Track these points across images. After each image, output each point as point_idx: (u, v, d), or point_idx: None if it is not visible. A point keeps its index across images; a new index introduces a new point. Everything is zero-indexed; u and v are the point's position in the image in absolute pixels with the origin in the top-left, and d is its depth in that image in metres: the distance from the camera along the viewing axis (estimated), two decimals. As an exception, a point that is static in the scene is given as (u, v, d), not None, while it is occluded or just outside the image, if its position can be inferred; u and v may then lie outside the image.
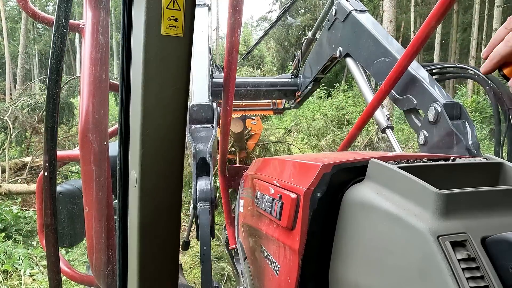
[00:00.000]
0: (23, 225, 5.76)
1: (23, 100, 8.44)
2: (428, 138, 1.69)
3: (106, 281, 1.17)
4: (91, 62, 1.13)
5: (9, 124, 7.59)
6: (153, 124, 0.66)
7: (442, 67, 2.08)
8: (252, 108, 4.23)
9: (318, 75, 3.10)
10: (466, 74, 1.93)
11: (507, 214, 0.70)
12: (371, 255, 0.78)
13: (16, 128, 7.87)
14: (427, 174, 0.76)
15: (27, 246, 5.33)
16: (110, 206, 1.17)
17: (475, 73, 1.81)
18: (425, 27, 1.54)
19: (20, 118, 7.89)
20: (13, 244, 5.21)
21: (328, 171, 0.89)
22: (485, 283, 0.59)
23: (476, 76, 1.80)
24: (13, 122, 7.73)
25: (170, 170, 0.69)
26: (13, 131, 7.69)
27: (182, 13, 0.62)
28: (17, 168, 7.52)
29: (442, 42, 22.77)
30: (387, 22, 11.10)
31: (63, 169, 7.15)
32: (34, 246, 5.37)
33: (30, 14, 1.38)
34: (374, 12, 23.42)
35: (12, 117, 7.78)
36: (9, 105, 8.38)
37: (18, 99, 8.70)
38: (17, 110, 8.01)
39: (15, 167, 7.52)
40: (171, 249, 0.73)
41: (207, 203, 1.49)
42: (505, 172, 0.84)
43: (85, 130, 1.11)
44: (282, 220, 0.96)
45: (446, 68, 2.11)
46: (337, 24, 2.49)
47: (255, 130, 6.01)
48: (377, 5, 23.56)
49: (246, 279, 1.44)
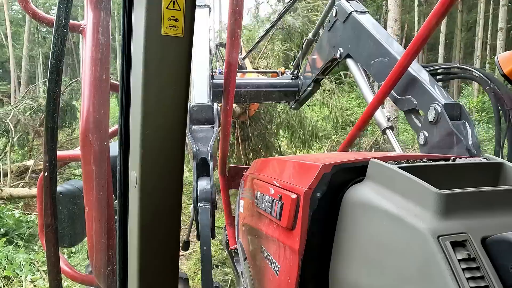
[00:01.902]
0: (25, 229, 5.70)
1: (25, 103, 8.41)
2: (428, 138, 1.69)
3: (107, 281, 1.17)
4: (91, 63, 1.13)
5: (11, 127, 7.57)
6: (153, 125, 0.66)
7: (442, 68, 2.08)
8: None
9: (318, 76, 3.09)
10: (466, 75, 1.93)
11: (507, 214, 0.70)
12: (371, 255, 0.78)
13: (18, 131, 7.85)
14: (427, 174, 0.76)
15: (29, 251, 5.28)
16: (111, 206, 1.17)
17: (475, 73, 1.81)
18: (425, 28, 1.54)
19: (22, 121, 7.88)
20: (14, 249, 5.15)
21: (328, 171, 0.89)
22: (485, 283, 0.59)
23: (476, 77, 1.80)
24: (15, 125, 7.71)
25: (170, 170, 0.69)
26: (15, 134, 7.67)
27: (182, 14, 0.63)
28: (20, 172, 7.49)
29: (446, 42, 22.71)
30: (392, 22, 10.96)
31: (65, 172, 7.13)
32: (35, 251, 5.32)
33: (31, 14, 1.39)
34: (377, 12, 23.37)
35: (15, 120, 7.76)
36: (11, 108, 8.36)
37: (20, 102, 8.68)
38: (19, 113, 7.99)
39: (17, 170, 7.49)
40: (171, 249, 0.73)
41: (207, 203, 1.49)
42: (505, 172, 0.84)
43: (85, 130, 1.11)
44: (282, 220, 0.96)
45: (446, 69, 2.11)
46: (337, 25, 2.49)
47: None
48: (380, 5, 23.46)
49: (246, 279, 1.44)
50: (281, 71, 3.98)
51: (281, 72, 3.93)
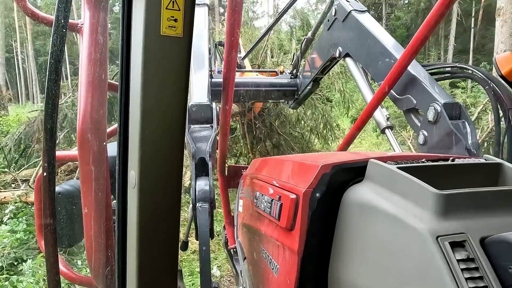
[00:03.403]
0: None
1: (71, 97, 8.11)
2: (427, 138, 1.69)
3: (105, 282, 1.17)
4: (89, 62, 1.13)
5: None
6: (152, 124, 0.66)
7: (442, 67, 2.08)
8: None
9: (317, 75, 3.09)
10: (466, 74, 1.93)
11: (506, 215, 0.70)
12: (370, 256, 0.78)
13: (64, 128, 7.59)
14: (426, 174, 0.76)
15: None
16: (109, 206, 1.17)
17: (475, 72, 1.81)
18: (424, 27, 1.54)
19: (69, 116, 7.52)
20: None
21: (328, 172, 0.89)
22: (484, 284, 0.59)
23: (476, 76, 1.80)
24: (61, 120, 7.43)
25: (169, 170, 0.69)
26: (61, 132, 7.43)
27: (181, 14, 0.62)
28: (69, 171, 7.24)
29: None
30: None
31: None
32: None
33: (29, 14, 1.38)
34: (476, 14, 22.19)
35: (62, 116, 7.48)
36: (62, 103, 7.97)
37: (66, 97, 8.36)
38: (66, 108, 7.68)
39: (67, 169, 7.24)
40: (170, 249, 0.73)
41: (206, 203, 1.49)
42: (504, 173, 0.84)
43: (83, 130, 1.11)
44: (281, 220, 0.96)
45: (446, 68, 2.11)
46: (336, 24, 2.49)
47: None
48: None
49: (245, 279, 1.44)
50: (280, 70, 3.98)
51: (280, 71, 3.93)
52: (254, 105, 6.16)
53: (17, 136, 7.70)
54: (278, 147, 7.53)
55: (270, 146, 7.50)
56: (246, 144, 7.29)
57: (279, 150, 7.51)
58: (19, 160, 7.81)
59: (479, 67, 1.92)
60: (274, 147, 7.51)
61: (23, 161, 7.75)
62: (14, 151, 7.80)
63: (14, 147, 7.70)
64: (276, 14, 7.43)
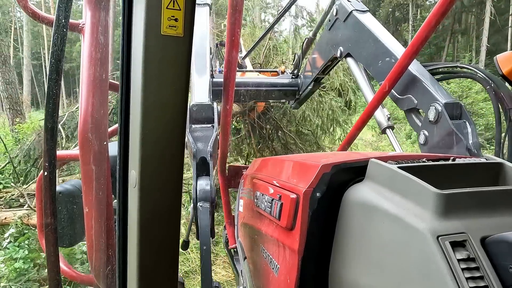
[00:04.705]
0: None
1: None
2: (428, 138, 1.69)
3: (106, 281, 1.17)
4: (90, 62, 1.13)
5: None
6: (153, 124, 0.66)
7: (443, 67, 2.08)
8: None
9: (318, 75, 3.09)
10: (467, 74, 1.93)
11: (506, 214, 0.70)
12: (371, 255, 0.78)
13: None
14: (427, 174, 0.76)
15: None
16: (110, 206, 1.17)
17: (476, 72, 1.81)
18: (425, 27, 1.54)
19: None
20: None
21: (328, 171, 0.89)
22: (484, 283, 0.59)
23: (477, 76, 1.79)
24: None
25: (170, 170, 0.69)
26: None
27: (182, 13, 0.62)
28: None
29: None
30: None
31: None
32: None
33: (30, 14, 1.38)
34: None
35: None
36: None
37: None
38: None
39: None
40: (171, 248, 0.73)
41: (207, 203, 1.49)
42: (505, 172, 0.84)
43: (84, 130, 1.11)
44: (282, 220, 0.96)
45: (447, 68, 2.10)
46: (338, 24, 2.49)
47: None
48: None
49: (245, 279, 1.44)
50: (281, 70, 3.98)
51: (281, 71, 3.93)
52: (256, 105, 6.15)
53: (26, 146, 7.15)
54: (286, 145, 7.47)
55: (279, 146, 7.43)
56: (252, 144, 7.24)
57: (287, 149, 7.45)
58: (29, 172, 7.07)
59: (479, 66, 1.91)
60: (282, 146, 7.45)
61: (33, 173, 7.00)
62: (23, 163, 7.13)
63: (25, 158, 7.08)
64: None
